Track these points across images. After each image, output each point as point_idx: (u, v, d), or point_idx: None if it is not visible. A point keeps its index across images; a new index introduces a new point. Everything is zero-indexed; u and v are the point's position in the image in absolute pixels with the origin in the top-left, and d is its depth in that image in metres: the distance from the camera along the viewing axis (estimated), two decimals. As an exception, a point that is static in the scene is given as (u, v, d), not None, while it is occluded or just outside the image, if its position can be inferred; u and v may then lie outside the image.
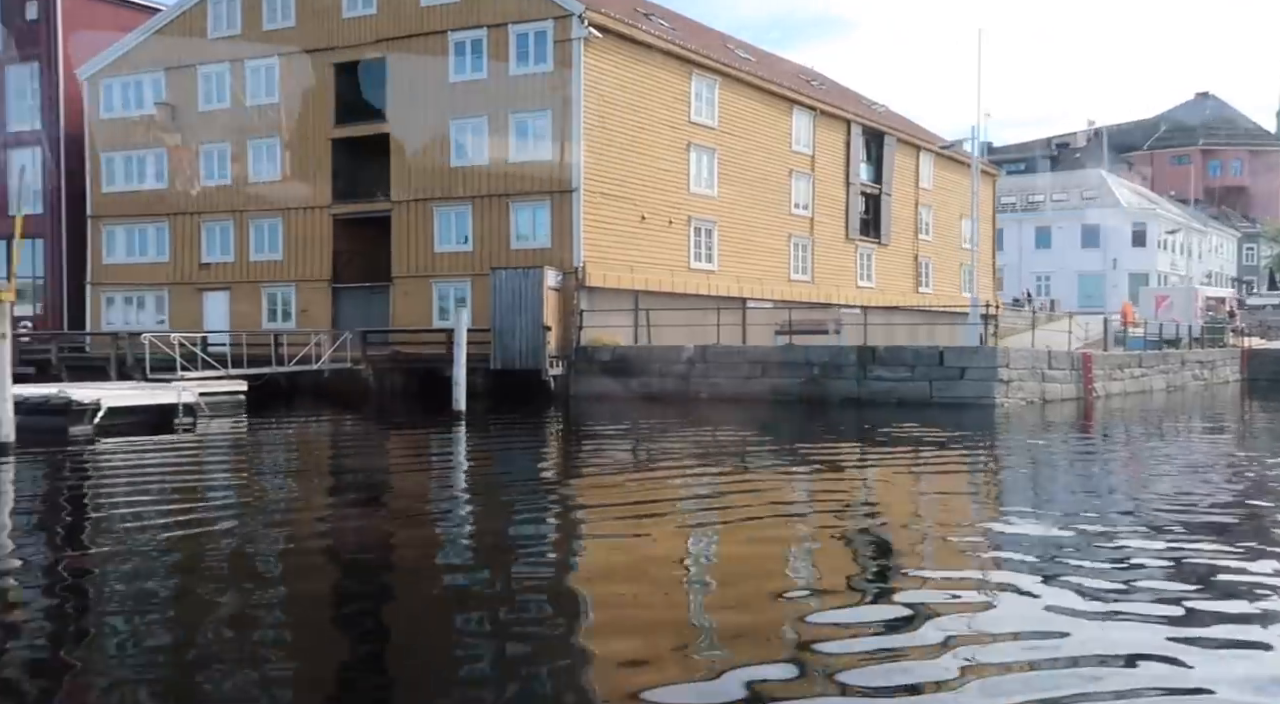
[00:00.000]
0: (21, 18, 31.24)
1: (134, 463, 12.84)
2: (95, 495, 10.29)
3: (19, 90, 31.76)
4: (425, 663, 4.71)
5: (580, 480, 11.62)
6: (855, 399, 20.78)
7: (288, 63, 27.47)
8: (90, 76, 30.41)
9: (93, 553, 7.27)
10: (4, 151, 31.82)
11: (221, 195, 28.76)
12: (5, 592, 6.16)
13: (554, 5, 23.94)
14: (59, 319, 31.17)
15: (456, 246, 25.70)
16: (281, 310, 28.15)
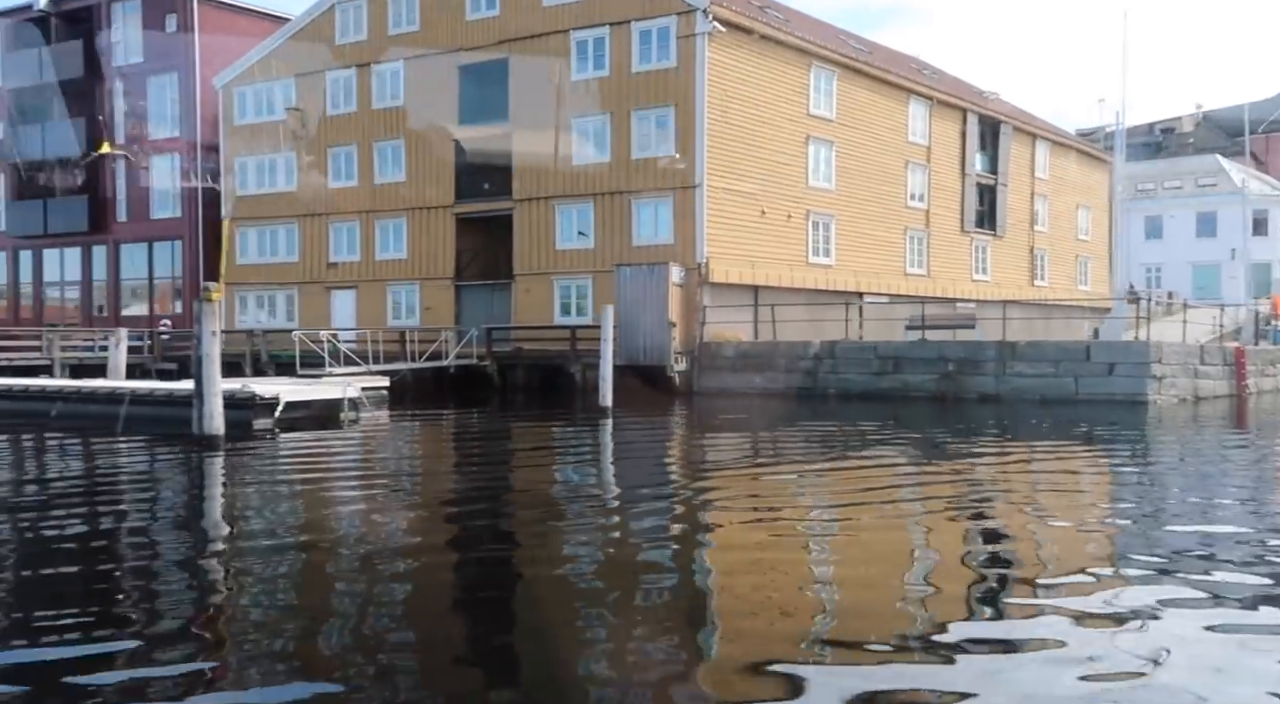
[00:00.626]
0: (162, 31, 32.90)
1: (336, 451, 13.65)
2: (319, 480, 10.88)
3: (159, 99, 33.48)
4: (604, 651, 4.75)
5: (755, 472, 11.62)
6: (994, 396, 20.27)
7: (413, 66, 28.24)
8: (225, 85, 31.82)
9: (341, 534, 7.63)
10: (148, 157, 33.64)
11: (348, 196, 29.76)
12: (288, 561, 6.50)
13: (677, 1, 23.99)
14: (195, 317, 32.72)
15: (578, 244, 26.02)
16: (405, 308, 28.98)
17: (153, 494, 10.11)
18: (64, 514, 8.72)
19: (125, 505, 9.36)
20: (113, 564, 6.96)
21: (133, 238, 34.33)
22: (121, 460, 12.62)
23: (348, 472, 11.90)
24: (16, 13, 36.28)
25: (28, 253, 37.01)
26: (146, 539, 7.74)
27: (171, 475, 11.47)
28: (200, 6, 32.48)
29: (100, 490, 10.35)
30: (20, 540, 7.71)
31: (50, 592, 6.10)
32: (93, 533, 7.94)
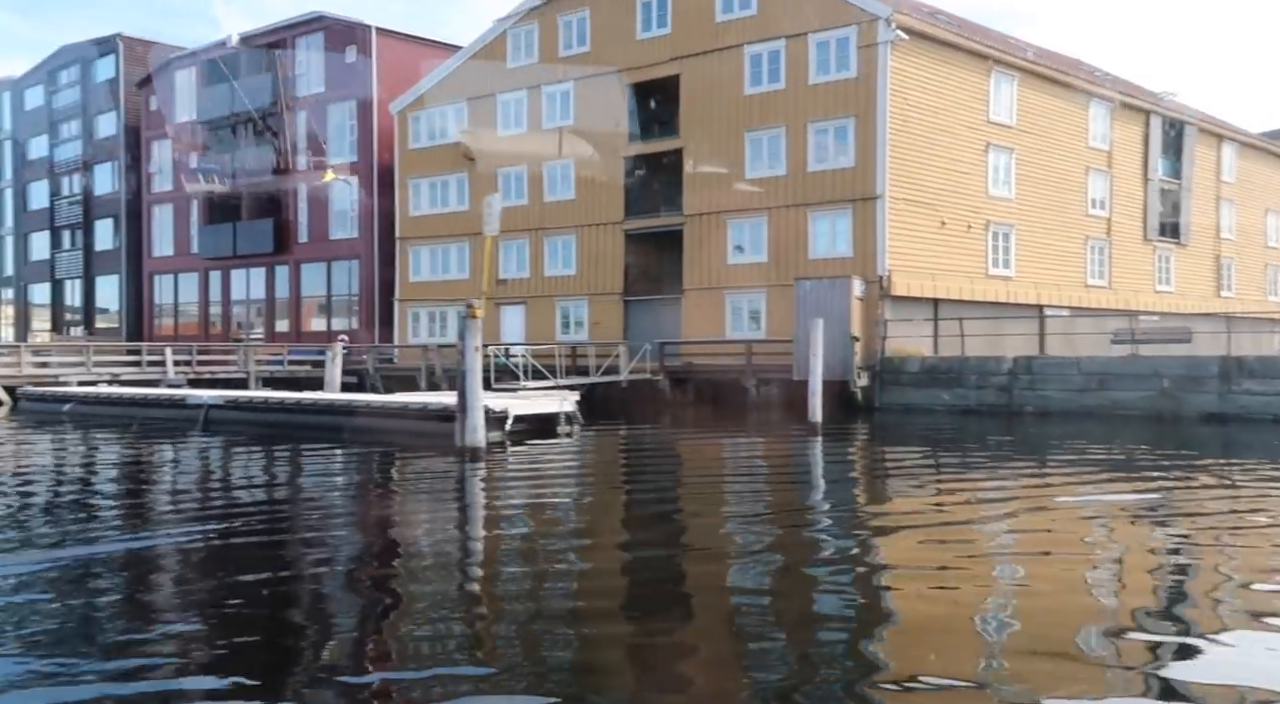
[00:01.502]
0: (342, 63, 34.84)
1: (583, 461, 14.02)
2: (595, 487, 11.27)
3: (338, 126, 35.42)
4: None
5: (1021, 499, 11.11)
6: (1217, 415, 18.87)
7: (583, 86, 28.88)
8: (400, 110, 33.38)
9: (654, 535, 7.71)
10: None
11: (518, 215, 30.60)
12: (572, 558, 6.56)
13: (858, 11, 23.65)
14: (371, 333, 34.36)
15: (750, 258, 25.90)
16: (574, 322, 29.53)
17: (460, 500, 10.54)
18: (426, 527, 9.13)
19: (446, 511, 9.78)
20: (505, 565, 7.20)
21: (312, 258, 36.35)
22: (411, 471, 13.05)
23: (609, 480, 12.20)
24: (210, 50, 39.17)
25: (217, 273, 39.75)
26: (516, 540, 8.01)
27: (465, 485, 11.52)
28: (379, 37, 34.22)
29: (415, 497, 10.93)
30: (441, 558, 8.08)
31: (441, 597, 6.34)
32: (460, 541, 8.27)
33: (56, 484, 12.29)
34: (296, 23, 36.43)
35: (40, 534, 8.59)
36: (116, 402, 21.91)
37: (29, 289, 50.85)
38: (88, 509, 10.09)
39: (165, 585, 6.83)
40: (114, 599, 6.39)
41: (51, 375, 27.55)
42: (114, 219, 44.15)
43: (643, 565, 7.32)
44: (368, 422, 16.31)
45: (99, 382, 27.55)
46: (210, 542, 8.03)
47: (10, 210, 52.30)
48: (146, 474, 13.33)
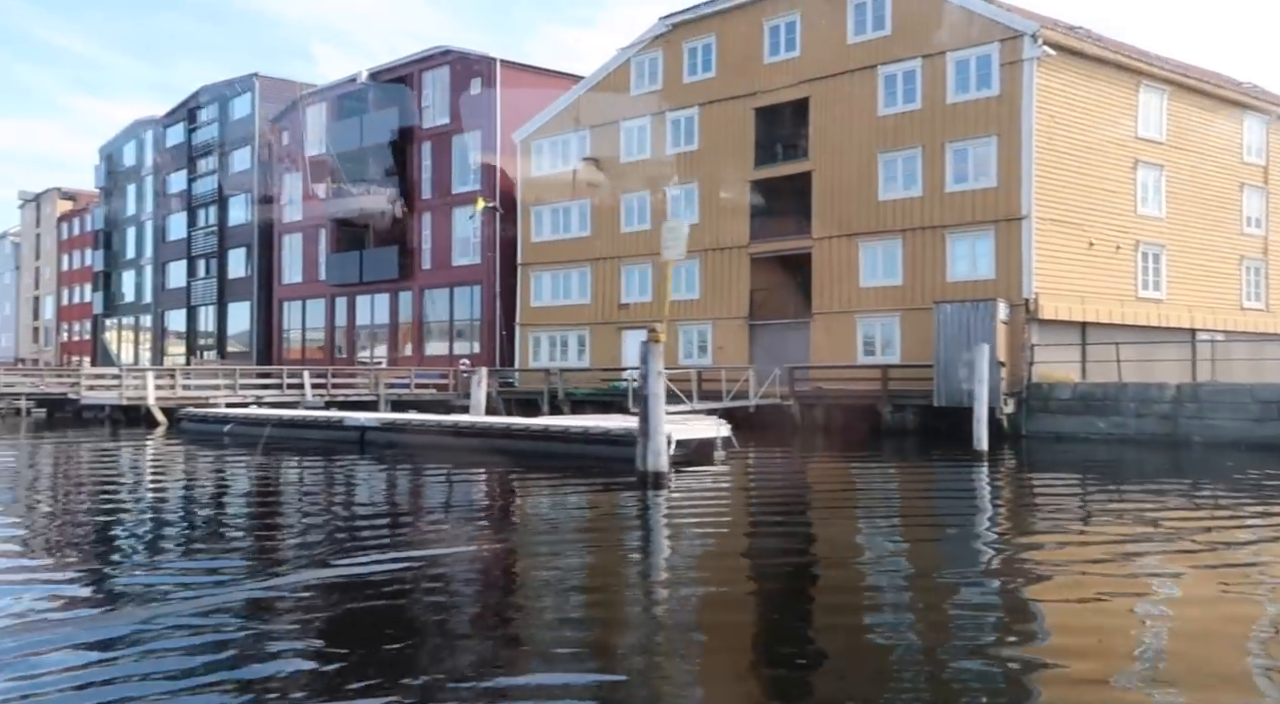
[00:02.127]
0: (468, 95, 35.91)
1: (760, 485, 13.83)
2: (785, 511, 10.93)
3: (462, 156, 36.45)
4: None
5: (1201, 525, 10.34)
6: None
7: (708, 111, 28.96)
8: (523, 139, 34.13)
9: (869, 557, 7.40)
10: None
11: (640, 240, 30.79)
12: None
13: (1000, 27, 23.04)
14: (492, 357, 35.00)
15: (883, 281, 25.33)
16: (697, 346, 29.41)
17: (672, 527, 10.42)
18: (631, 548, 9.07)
19: (676, 538, 9.67)
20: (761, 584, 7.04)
21: (435, 283, 37.35)
22: (598, 496, 12.72)
23: (792, 504, 11.93)
24: (341, 86, 40.98)
25: (343, 299, 41.25)
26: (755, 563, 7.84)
27: (651, 511, 11.37)
28: (503, 69, 35.16)
29: (623, 522, 10.88)
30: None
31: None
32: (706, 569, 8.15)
33: (271, 505, 12.70)
34: (423, 58, 37.77)
35: (307, 553, 8.82)
36: (275, 424, 22.73)
37: (166, 315, 53.85)
38: (326, 531, 10.35)
39: (446, 597, 6.86)
40: (398, 612, 6.45)
41: (202, 397, 28.93)
42: (246, 248, 46.41)
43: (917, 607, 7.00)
44: (534, 445, 16.40)
45: (249, 403, 28.80)
46: (468, 561, 8.09)
47: (150, 241, 55.64)
48: (347, 496, 13.39)
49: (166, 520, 10.97)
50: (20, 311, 76.53)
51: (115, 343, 60.13)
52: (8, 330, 79.63)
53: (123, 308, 59.40)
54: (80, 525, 10.53)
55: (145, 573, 7.87)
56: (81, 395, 29.38)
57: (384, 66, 39.38)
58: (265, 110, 45.21)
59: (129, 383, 27.90)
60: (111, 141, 60.75)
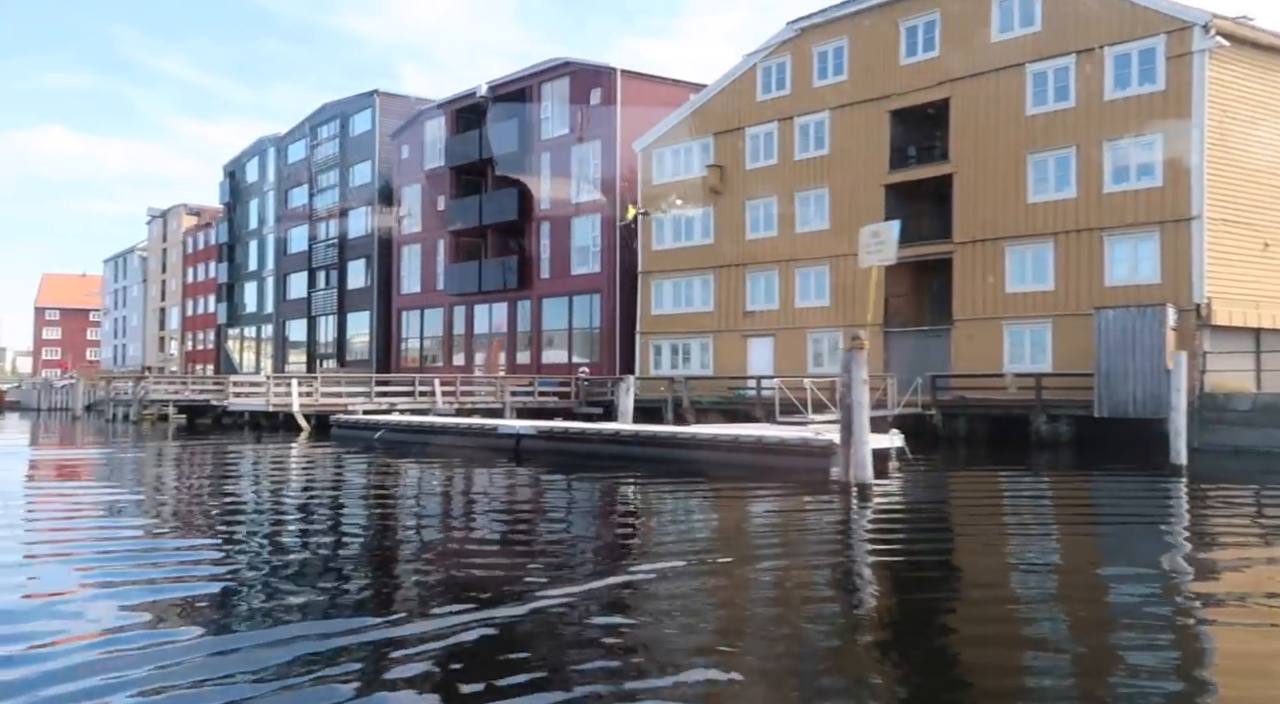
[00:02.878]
0: (587, 105, 36.21)
1: (958, 497, 13.21)
2: (1014, 532, 10.41)
3: (582, 166, 36.74)
4: None
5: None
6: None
7: (839, 115, 28.44)
8: (644, 148, 34.18)
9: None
10: (571, 218, 36.97)
11: (767, 247, 30.42)
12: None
13: (1166, 19, 21.91)
14: (612, 365, 35.07)
15: (1033, 286, 24.33)
16: (828, 354, 28.82)
17: (906, 541, 10.06)
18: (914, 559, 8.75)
19: (908, 554, 9.33)
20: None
21: (553, 292, 37.69)
22: (804, 508, 12.11)
23: (1003, 518, 11.36)
24: (459, 101, 41.87)
25: (460, 308, 42.04)
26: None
27: (865, 523, 10.93)
28: (623, 79, 35.33)
29: (842, 534, 10.51)
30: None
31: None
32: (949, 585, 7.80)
33: (480, 521, 12.80)
34: (542, 70, 38.28)
35: (552, 571, 8.77)
36: (426, 430, 23.15)
37: (287, 325, 55.93)
38: (551, 546, 10.32)
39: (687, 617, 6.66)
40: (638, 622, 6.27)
41: (340, 404, 29.78)
42: (365, 259, 47.83)
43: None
44: (714, 456, 16.09)
45: (384, 410, 29.51)
46: (683, 576, 7.90)
47: (272, 254, 57.95)
48: (543, 507, 13.20)
49: (426, 536, 11.04)
50: (147, 322, 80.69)
51: (238, 352, 62.79)
52: (135, 340, 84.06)
53: (245, 318, 62.00)
54: (316, 537, 10.74)
55: (441, 602, 7.86)
56: (229, 402, 30.60)
57: (502, 80, 40.06)
58: (385, 125, 46.57)
59: (275, 390, 28.91)
60: (234, 159, 63.62)
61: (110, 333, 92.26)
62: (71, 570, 8.10)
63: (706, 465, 15.85)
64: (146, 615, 6.36)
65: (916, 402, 24.45)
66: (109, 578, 7.78)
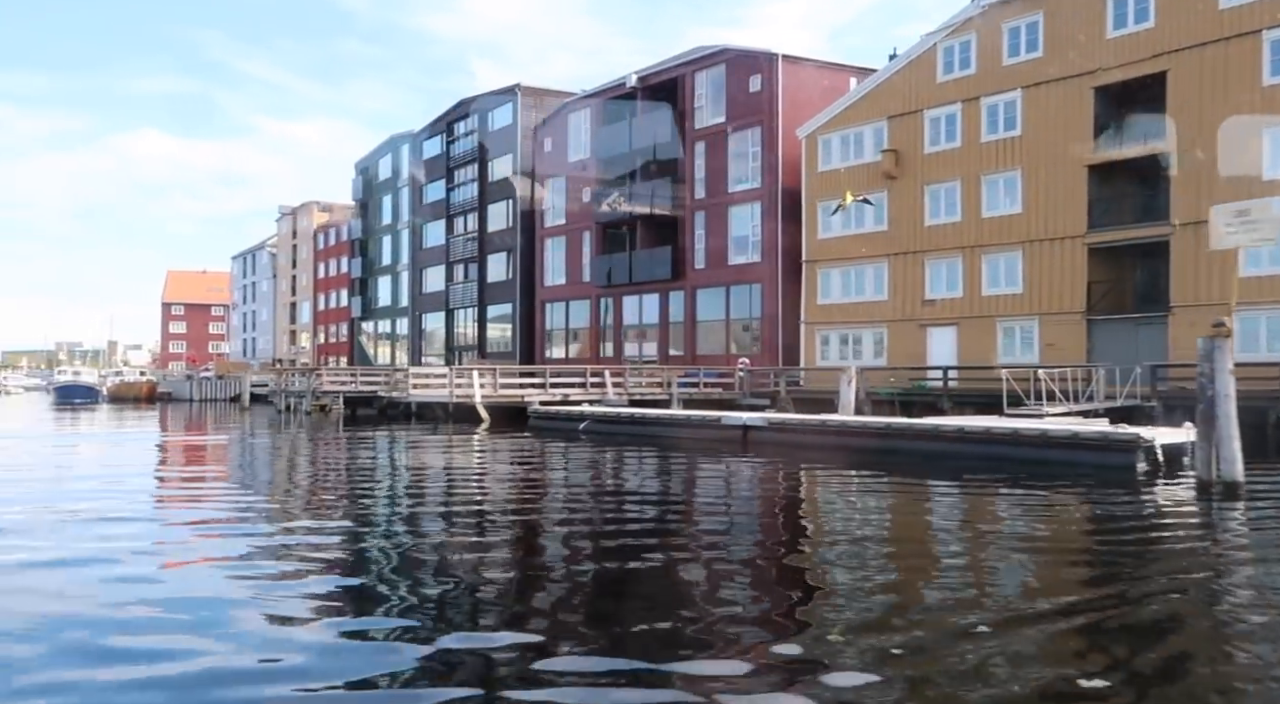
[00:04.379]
0: (745, 92, 35.65)
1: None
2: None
3: (740, 154, 36.22)
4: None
5: None
6: None
7: (1033, 93, 27.19)
8: (808, 135, 33.46)
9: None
10: (728, 209, 36.54)
11: (948, 233, 29.40)
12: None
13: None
14: (774, 356, 34.54)
15: (1269, 269, 22.79)
16: (1020, 344, 27.70)
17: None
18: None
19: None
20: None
21: (709, 283, 37.34)
22: (1169, 511, 11.28)
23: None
24: (607, 92, 41.85)
25: (608, 299, 42.10)
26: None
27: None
28: (784, 64, 34.65)
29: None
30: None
31: None
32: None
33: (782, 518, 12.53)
34: (695, 58, 37.88)
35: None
36: (638, 421, 23.10)
37: (423, 318, 57.20)
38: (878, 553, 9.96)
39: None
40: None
41: (519, 395, 30.12)
42: (507, 252, 48.41)
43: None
44: (962, 449, 15.51)
45: (558, 402, 29.73)
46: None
47: (406, 248, 59.32)
48: (852, 507, 12.97)
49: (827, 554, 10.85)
50: (277, 316, 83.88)
51: (371, 344, 64.61)
52: (264, 333, 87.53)
53: (378, 311, 63.71)
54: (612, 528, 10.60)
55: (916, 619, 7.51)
56: (409, 394, 31.28)
57: (651, 69, 39.84)
58: (526, 119, 46.95)
59: (458, 382, 29.39)
60: (367, 156, 65.33)
61: (239, 327, 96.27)
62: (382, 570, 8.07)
63: (974, 461, 15.18)
64: (432, 614, 6.19)
65: (1136, 392, 23.21)
66: (395, 580, 7.70)
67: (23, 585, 7.07)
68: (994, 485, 13.46)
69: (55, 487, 14.13)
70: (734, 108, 36.13)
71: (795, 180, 34.32)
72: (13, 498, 12.13)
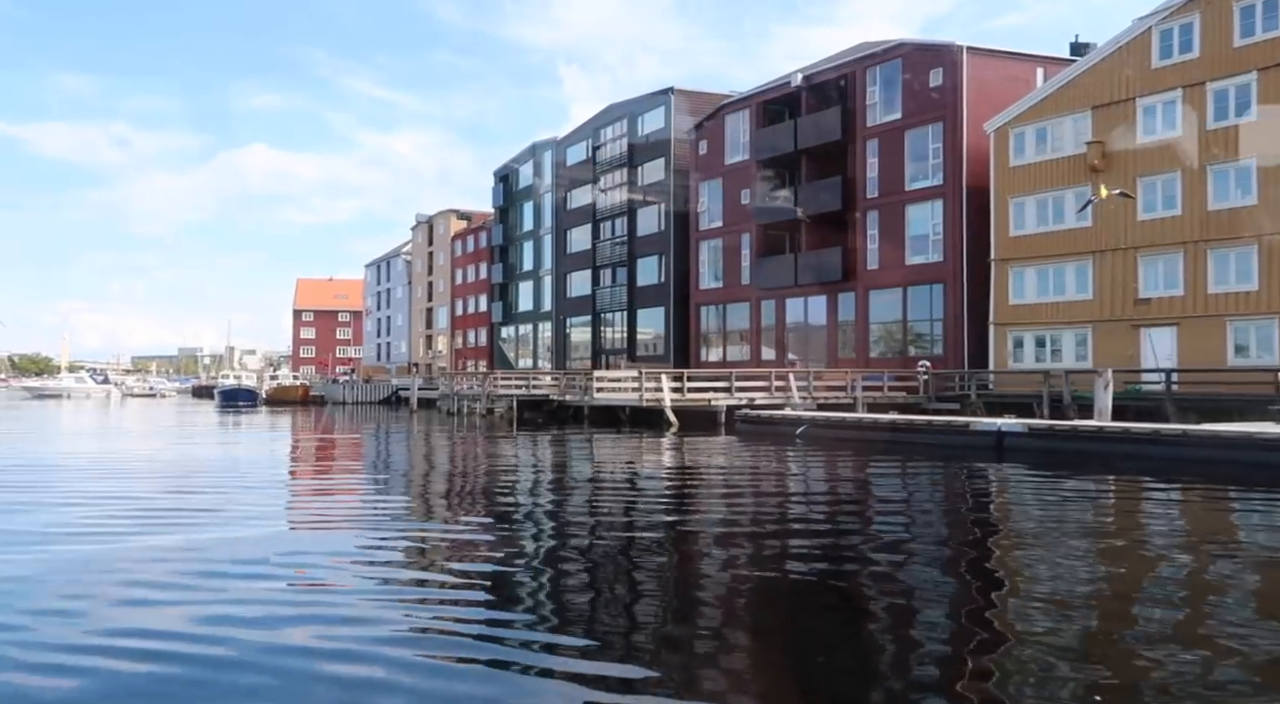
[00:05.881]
0: (925, 86, 34.57)
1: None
2: None
3: (917, 151, 35.14)
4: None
5: None
6: None
7: (1271, 76, 25.33)
8: (997, 128, 32.14)
9: None
10: (905, 209, 35.51)
11: (1166, 227, 27.70)
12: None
13: None
14: (958, 358, 33.31)
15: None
16: (1256, 345, 25.81)
17: None
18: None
19: None
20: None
21: (883, 284, 36.33)
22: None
23: None
24: (768, 92, 41.35)
25: (769, 302, 41.50)
26: None
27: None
28: (969, 57, 33.43)
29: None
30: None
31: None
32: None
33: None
34: (867, 54, 37.00)
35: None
36: (859, 427, 22.53)
37: (568, 322, 57.85)
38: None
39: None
40: None
41: (705, 399, 29.89)
42: (659, 256, 48.41)
43: None
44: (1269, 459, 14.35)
45: (743, 405, 29.37)
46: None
47: (549, 254, 60.15)
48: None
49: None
50: (413, 322, 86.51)
51: (512, 349, 65.80)
52: (400, 338, 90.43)
53: (518, 316, 64.83)
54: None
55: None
56: (593, 398, 31.47)
57: (818, 68, 39.14)
58: (680, 122, 46.86)
59: (648, 385, 29.37)
60: (506, 164, 66.63)
61: (372, 332, 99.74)
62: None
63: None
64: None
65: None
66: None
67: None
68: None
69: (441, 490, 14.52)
70: (911, 103, 35.08)
71: (980, 176, 33.04)
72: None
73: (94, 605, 6.58)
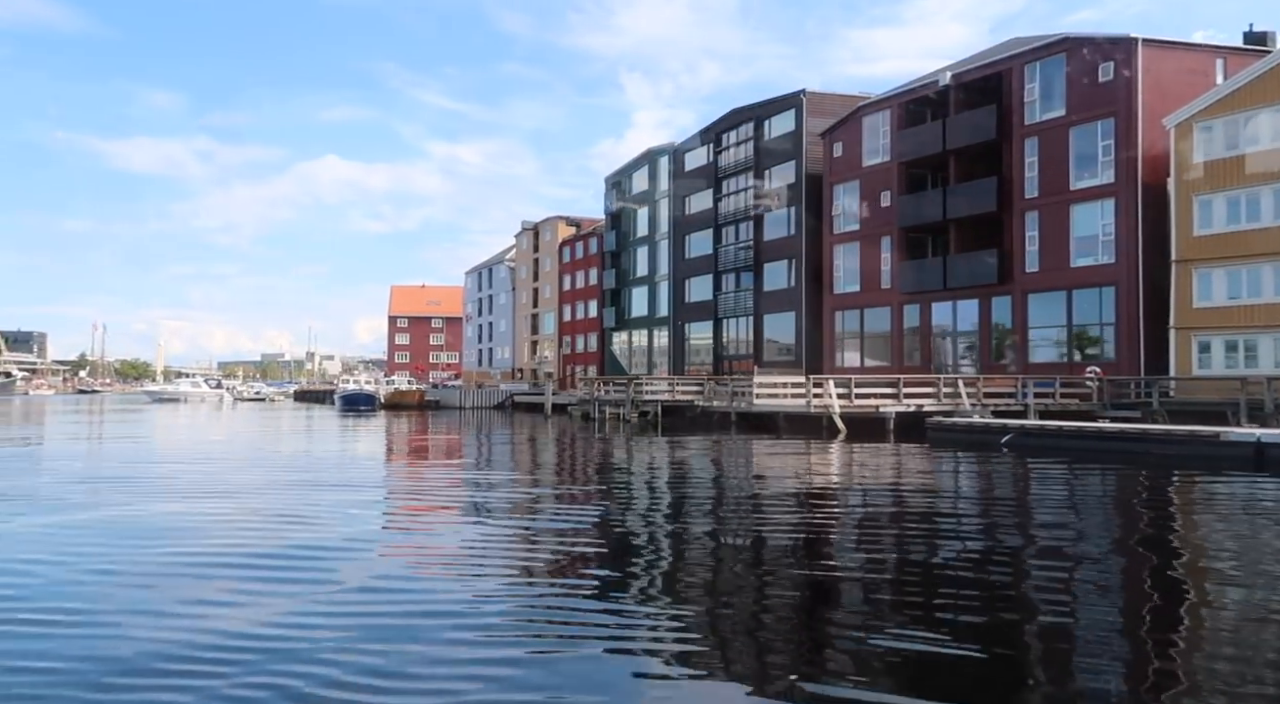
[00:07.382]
0: (1093, 81, 33.17)
1: None
2: None
3: (1083, 148, 33.72)
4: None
5: None
6: None
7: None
8: (1179, 123, 30.63)
9: None
10: (1070, 209, 34.16)
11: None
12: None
13: None
14: (1133, 364, 31.81)
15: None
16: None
17: None
18: None
19: None
20: None
21: (1044, 287, 34.99)
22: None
23: None
24: (913, 92, 40.37)
25: (913, 307, 40.43)
26: None
27: None
28: (1144, 49, 31.98)
29: None
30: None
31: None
32: None
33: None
34: (1025, 49, 35.77)
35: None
36: (1075, 435, 21.61)
37: (686, 327, 57.58)
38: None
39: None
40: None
41: (872, 406, 29.18)
42: (789, 260, 47.72)
43: None
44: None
45: (913, 411, 28.56)
46: None
47: (665, 259, 60.00)
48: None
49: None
50: (517, 328, 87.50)
51: (625, 354, 65.87)
52: (503, 344, 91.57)
53: (631, 322, 64.86)
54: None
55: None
56: (753, 404, 31.04)
57: (969, 65, 38.03)
58: (811, 125, 46.17)
59: (814, 392, 28.81)
60: (619, 171, 66.81)
61: (474, 338, 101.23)
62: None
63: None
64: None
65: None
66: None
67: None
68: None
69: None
70: (1077, 99, 33.71)
71: (1156, 174, 31.54)
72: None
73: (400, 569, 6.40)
